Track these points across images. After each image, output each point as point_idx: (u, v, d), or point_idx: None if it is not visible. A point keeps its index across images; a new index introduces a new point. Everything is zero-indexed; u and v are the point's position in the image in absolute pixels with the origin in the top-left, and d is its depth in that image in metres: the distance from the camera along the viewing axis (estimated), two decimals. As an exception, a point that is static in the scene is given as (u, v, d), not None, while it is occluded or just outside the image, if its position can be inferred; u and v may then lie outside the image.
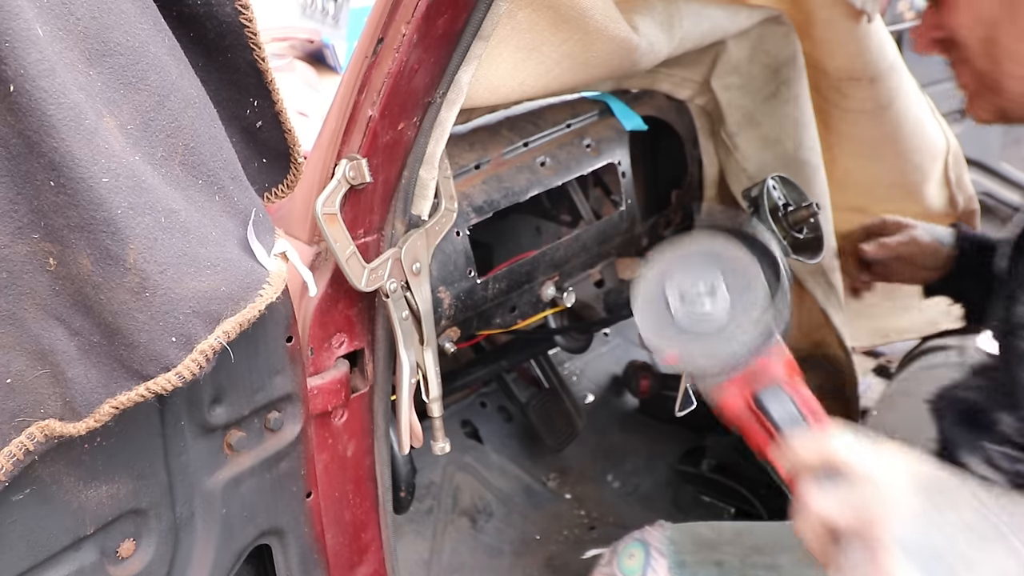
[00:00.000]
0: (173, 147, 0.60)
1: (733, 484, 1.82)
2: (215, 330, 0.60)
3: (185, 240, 0.59)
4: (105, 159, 0.53)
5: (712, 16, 1.18)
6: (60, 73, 0.51)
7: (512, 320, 1.22)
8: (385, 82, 0.78)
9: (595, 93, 1.30)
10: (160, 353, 0.58)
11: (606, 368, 2.12)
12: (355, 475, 0.94)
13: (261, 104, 0.69)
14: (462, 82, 0.85)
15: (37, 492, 0.62)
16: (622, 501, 1.88)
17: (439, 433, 1.00)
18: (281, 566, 0.86)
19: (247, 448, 0.77)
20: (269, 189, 0.76)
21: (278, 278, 0.66)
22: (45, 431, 0.57)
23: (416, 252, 0.91)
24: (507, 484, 1.82)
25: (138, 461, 0.69)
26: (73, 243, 0.54)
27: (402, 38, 0.76)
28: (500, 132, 1.16)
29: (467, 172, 1.10)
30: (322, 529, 0.90)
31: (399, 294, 0.89)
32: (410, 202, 0.90)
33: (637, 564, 1.02)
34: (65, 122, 0.51)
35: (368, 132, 0.80)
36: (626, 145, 1.29)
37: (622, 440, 2.00)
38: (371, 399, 0.93)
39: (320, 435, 0.88)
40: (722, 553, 1.02)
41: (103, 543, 0.69)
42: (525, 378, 1.79)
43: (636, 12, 1.05)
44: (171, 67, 0.59)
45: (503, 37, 0.89)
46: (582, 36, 0.94)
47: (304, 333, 0.83)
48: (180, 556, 0.75)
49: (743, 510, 1.80)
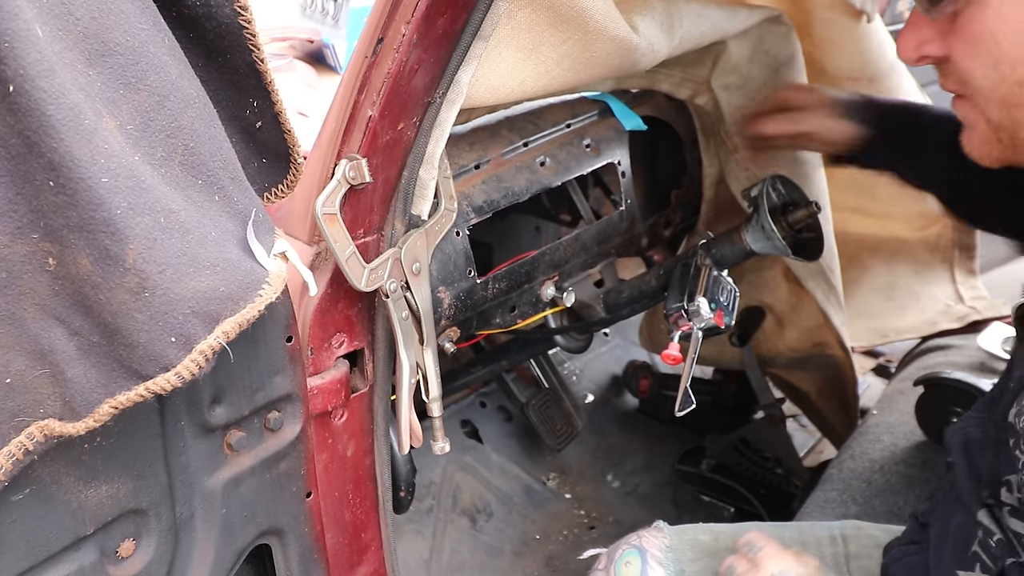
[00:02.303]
0: (173, 147, 0.60)
1: (733, 484, 1.82)
2: (215, 330, 0.60)
3: (185, 240, 0.59)
4: (105, 159, 0.53)
5: (712, 16, 1.18)
6: (60, 73, 0.51)
7: (512, 320, 1.22)
8: (385, 82, 0.78)
9: (595, 93, 1.30)
10: (159, 353, 0.58)
11: (606, 368, 2.12)
12: (355, 475, 0.94)
13: (261, 104, 0.69)
14: (462, 82, 0.85)
15: (37, 492, 0.62)
16: (622, 501, 1.88)
17: (439, 433, 1.00)
18: (281, 566, 0.86)
19: (247, 448, 0.78)
20: (269, 189, 0.76)
21: (278, 278, 0.66)
22: (45, 431, 0.57)
23: (416, 252, 0.91)
24: (507, 484, 1.82)
25: (138, 461, 0.69)
26: (72, 243, 0.54)
27: (402, 38, 0.76)
28: (500, 132, 1.16)
29: (467, 172, 1.10)
30: (322, 529, 0.90)
31: (399, 294, 0.89)
32: (410, 202, 0.90)
33: (634, 572, 1.00)
34: (64, 122, 0.51)
35: (368, 132, 0.80)
36: (626, 145, 1.29)
37: (622, 440, 2.00)
38: (371, 399, 0.93)
39: (320, 435, 0.88)
40: (721, 560, 1.01)
41: (103, 543, 0.69)
42: (525, 378, 1.80)
43: (636, 12, 1.05)
44: (171, 67, 0.59)
45: (503, 37, 0.88)
46: (582, 36, 0.94)
47: (304, 333, 0.83)
48: (180, 556, 0.75)
49: (743, 510, 1.80)
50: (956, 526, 0.86)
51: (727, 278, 1.19)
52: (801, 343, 1.65)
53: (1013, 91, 0.69)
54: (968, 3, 0.67)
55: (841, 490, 1.31)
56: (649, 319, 1.80)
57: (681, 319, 1.12)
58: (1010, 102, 0.70)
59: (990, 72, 0.69)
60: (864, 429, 1.46)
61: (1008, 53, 0.67)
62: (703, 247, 1.22)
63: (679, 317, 1.13)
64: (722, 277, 1.18)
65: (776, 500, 1.77)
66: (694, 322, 1.11)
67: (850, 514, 1.24)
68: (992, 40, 0.67)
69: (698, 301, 1.11)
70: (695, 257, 1.21)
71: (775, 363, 1.72)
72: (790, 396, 1.88)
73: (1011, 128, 0.72)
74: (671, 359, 1.10)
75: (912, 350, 1.74)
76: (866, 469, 1.34)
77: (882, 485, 1.30)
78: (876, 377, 2.38)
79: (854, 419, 1.73)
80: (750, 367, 1.70)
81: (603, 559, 1.07)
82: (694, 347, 1.11)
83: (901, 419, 1.44)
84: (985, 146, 0.76)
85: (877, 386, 2.30)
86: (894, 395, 1.56)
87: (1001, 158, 0.75)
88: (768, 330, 1.66)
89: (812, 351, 1.66)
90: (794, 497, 1.72)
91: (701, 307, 1.11)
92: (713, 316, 1.11)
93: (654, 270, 1.27)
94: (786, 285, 1.59)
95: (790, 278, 1.57)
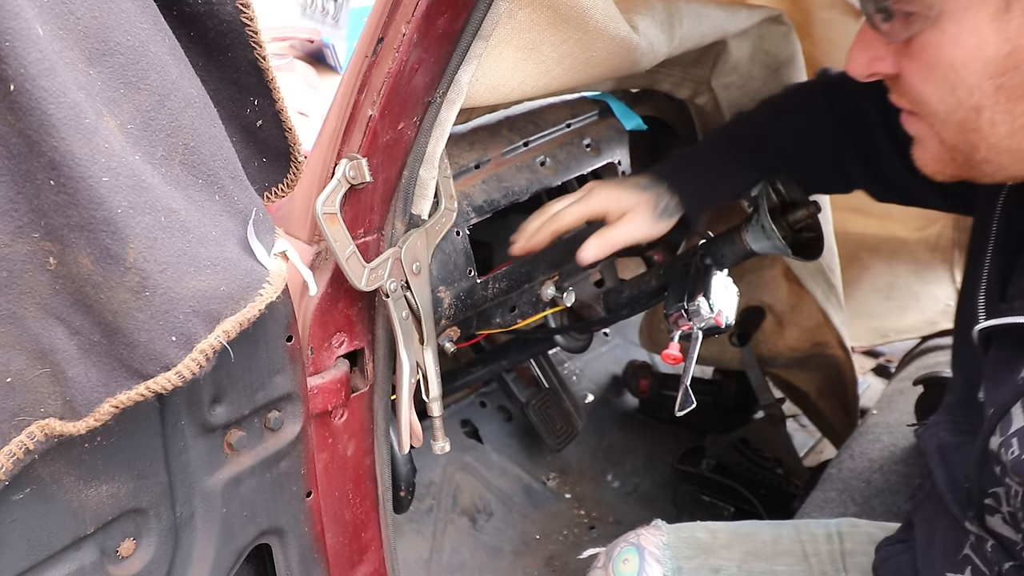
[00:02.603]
0: (173, 146, 0.60)
1: (732, 484, 1.82)
2: (215, 329, 0.60)
3: (185, 239, 0.59)
4: (105, 158, 0.53)
5: (712, 16, 1.18)
6: (60, 72, 0.51)
7: (512, 320, 1.22)
8: (385, 81, 0.78)
9: (595, 93, 1.30)
10: (160, 352, 0.58)
11: (606, 368, 2.12)
12: (355, 474, 0.94)
13: (261, 103, 0.69)
14: (462, 81, 0.86)
15: (37, 491, 0.62)
16: (622, 501, 1.88)
17: (439, 433, 1.00)
18: (281, 565, 0.86)
19: (247, 447, 0.78)
20: (269, 188, 0.76)
21: (278, 277, 0.66)
22: (45, 430, 0.57)
23: (416, 252, 0.91)
24: (507, 484, 1.82)
25: (138, 460, 0.69)
26: (73, 242, 0.54)
27: (402, 37, 0.76)
28: (500, 132, 1.16)
29: (467, 172, 1.10)
30: (322, 528, 0.90)
31: (399, 294, 0.89)
32: (410, 201, 0.90)
33: (632, 569, 1.00)
34: (65, 121, 0.51)
35: (368, 131, 0.80)
36: (626, 145, 1.29)
37: (622, 440, 2.00)
38: (371, 399, 0.93)
39: (320, 434, 0.88)
40: (719, 559, 1.01)
41: (103, 542, 0.69)
42: (525, 378, 1.79)
43: (636, 12, 1.05)
44: (171, 66, 0.59)
45: (503, 36, 0.89)
46: (582, 36, 0.94)
47: (304, 332, 0.83)
48: (180, 555, 0.75)
49: (743, 510, 1.81)
50: (942, 529, 0.87)
51: (727, 278, 1.19)
52: (801, 343, 1.65)
53: (969, 116, 0.68)
54: (923, 27, 0.67)
55: (840, 490, 1.31)
56: (649, 319, 1.80)
57: (681, 319, 1.12)
58: (966, 127, 0.69)
59: (947, 97, 0.68)
60: (864, 429, 1.47)
61: (965, 80, 0.66)
62: (703, 247, 1.22)
63: (679, 317, 1.13)
64: (722, 277, 1.18)
65: (776, 500, 1.77)
66: (694, 322, 1.11)
67: (849, 514, 1.24)
68: (950, 67, 0.66)
69: (698, 301, 1.11)
70: (695, 257, 1.21)
71: (775, 363, 1.72)
72: (790, 396, 1.88)
73: (966, 151, 0.70)
74: (671, 359, 1.10)
75: (912, 350, 1.74)
76: (865, 469, 1.34)
77: (881, 485, 1.30)
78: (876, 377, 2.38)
79: (854, 419, 1.73)
80: (750, 367, 1.70)
81: (602, 557, 1.07)
82: (694, 347, 1.11)
83: (901, 419, 1.44)
84: (939, 164, 0.75)
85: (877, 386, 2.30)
86: (894, 395, 1.56)
87: (955, 175, 0.74)
88: (768, 330, 1.66)
89: (812, 351, 1.66)
90: (794, 497, 1.73)
91: (701, 307, 1.11)
92: (713, 316, 1.11)
93: (654, 270, 1.27)
94: (786, 285, 1.59)
95: (790, 278, 1.57)
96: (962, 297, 0.89)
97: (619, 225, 1.10)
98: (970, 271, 0.86)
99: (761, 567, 1.01)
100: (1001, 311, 0.75)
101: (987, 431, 0.73)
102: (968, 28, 0.64)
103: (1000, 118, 0.66)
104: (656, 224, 1.11)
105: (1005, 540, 0.77)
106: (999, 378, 0.75)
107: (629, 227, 1.10)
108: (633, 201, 1.09)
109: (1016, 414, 0.70)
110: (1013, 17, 0.62)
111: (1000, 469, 0.72)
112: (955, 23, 0.64)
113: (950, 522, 0.85)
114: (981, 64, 0.64)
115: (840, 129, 1.10)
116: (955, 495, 0.82)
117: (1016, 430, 0.70)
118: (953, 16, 0.64)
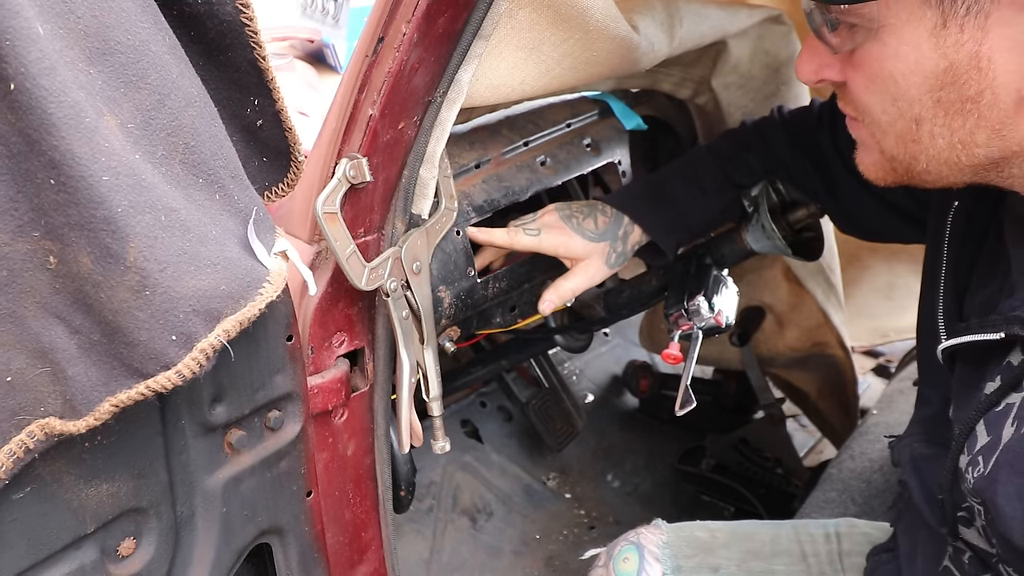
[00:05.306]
0: (173, 146, 0.60)
1: (733, 484, 1.82)
2: (215, 328, 0.60)
3: (185, 239, 0.59)
4: (105, 157, 0.53)
5: (712, 16, 1.18)
6: (60, 71, 0.51)
7: (512, 319, 1.22)
8: (385, 81, 0.78)
9: (595, 93, 1.30)
10: (160, 351, 0.58)
11: (606, 368, 2.12)
12: (355, 474, 0.94)
13: (262, 103, 0.69)
14: (462, 81, 0.86)
15: (37, 490, 0.62)
16: (622, 501, 1.88)
17: (439, 432, 1.00)
18: (281, 565, 0.86)
19: (247, 447, 0.78)
20: (269, 188, 0.76)
21: (278, 277, 0.66)
22: (45, 429, 0.57)
23: (416, 251, 0.91)
24: (507, 484, 1.82)
25: (138, 460, 0.69)
26: (73, 241, 0.54)
27: (402, 37, 0.76)
28: (500, 131, 1.16)
29: (467, 171, 1.10)
30: (322, 528, 0.90)
31: (399, 293, 0.89)
32: (410, 201, 0.90)
33: (631, 568, 1.01)
34: (65, 120, 0.51)
35: (368, 131, 0.80)
36: (626, 144, 1.29)
37: (622, 440, 2.00)
38: (371, 398, 0.93)
39: (320, 434, 0.88)
40: (718, 558, 1.02)
41: (103, 541, 0.69)
42: (525, 378, 1.80)
43: (636, 12, 1.05)
44: (172, 66, 0.59)
45: (503, 36, 0.89)
46: (582, 35, 0.94)
47: (304, 332, 0.83)
48: (180, 555, 0.75)
49: (743, 509, 1.81)
50: (923, 540, 0.87)
51: (727, 278, 1.19)
52: (801, 343, 1.65)
53: (910, 127, 0.69)
54: (866, 39, 0.67)
55: (840, 490, 1.31)
56: (649, 319, 1.80)
57: (681, 319, 1.13)
58: (906, 138, 0.70)
59: (888, 107, 0.69)
60: (864, 429, 1.47)
61: (906, 92, 0.67)
62: (703, 247, 1.22)
63: (679, 317, 1.13)
64: (722, 277, 1.18)
65: (776, 500, 1.77)
66: (694, 322, 1.12)
67: (849, 514, 1.24)
68: (890, 79, 0.67)
69: (698, 301, 1.11)
70: (695, 257, 1.21)
71: (775, 363, 1.72)
72: (790, 396, 1.88)
73: (906, 161, 0.72)
74: (671, 359, 1.10)
75: (912, 350, 1.74)
76: (866, 469, 1.34)
77: (881, 485, 1.30)
78: (876, 377, 2.38)
79: (854, 419, 1.73)
80: (750, 367, 1.70)
81: (603, 556, 1.07)
82: (694, 347, 1.11)
83: (901, 419, 1.44)
84: (880, 170, 0.76)
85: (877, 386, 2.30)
86: (894, 395, 1.56)
87: (895, 181, 0.76)
88: (768, 330, 1.66)
89: (812, 351, 1.66)
90: (794, 497, 1.73)
91: (701, 307, 1.11)
92: (713, 316, 1.11)
93: (654, 270, 1.27)
94: (786, 285, 1.59)
95: (790, 278, 1.57)
96: (921, 317, 0.91)
97: (572, 276, 1.12)
98: (927, 292, 0.87)
99: (760, 566, 1.01)
100: (960, 330, 0.76)
101: (956, 449, 0.74)
102: (907, 42, 0.65)
103: (939, 131, 0.67)
104: (611, 269, 1.13)
105: (981, 552, 0.77)
106: (965, 395, 0.76)
107: (583, 277, 1.12)
108: (584, 253, 1.11)
109: (980, 431, 0.71)
110: (950, 33, 0.63)
111: (966, 486, 0.73)
112: (895, 37, 0.65)
113: (929, 533, 0.86)
114: (920, 77, 0.65)
115: (798, 152, 1.12)
116: (931, 507, 0.82)
117: (981, 447, 0.70)
118: (893, 30, 0.65)
